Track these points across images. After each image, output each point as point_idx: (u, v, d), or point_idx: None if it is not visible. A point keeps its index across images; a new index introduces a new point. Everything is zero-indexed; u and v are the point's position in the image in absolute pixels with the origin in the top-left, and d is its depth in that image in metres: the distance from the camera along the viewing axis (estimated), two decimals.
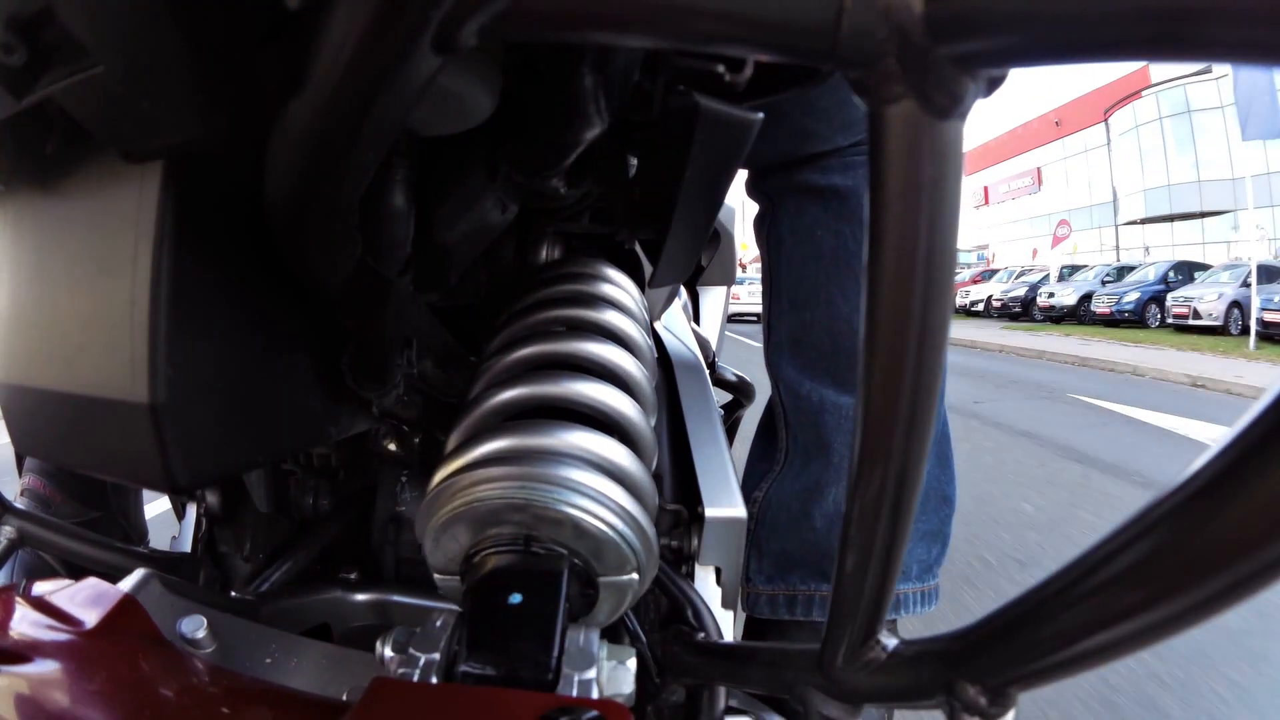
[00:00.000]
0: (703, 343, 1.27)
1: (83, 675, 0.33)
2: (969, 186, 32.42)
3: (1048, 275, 19.12)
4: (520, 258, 0.70)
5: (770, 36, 0.19)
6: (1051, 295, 16.97)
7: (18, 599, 0.39)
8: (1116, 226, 24.46)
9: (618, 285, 0.56)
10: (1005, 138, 31.47)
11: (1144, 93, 22.62)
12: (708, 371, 0.92)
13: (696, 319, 1.59)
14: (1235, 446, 0.18)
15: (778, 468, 0.87)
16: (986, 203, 32.45)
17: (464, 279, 0.64)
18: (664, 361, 0.85)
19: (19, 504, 0.88)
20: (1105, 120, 24.98)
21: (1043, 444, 4.28)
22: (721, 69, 0.40)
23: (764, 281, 0.91)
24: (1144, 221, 23.17)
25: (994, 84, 0.20)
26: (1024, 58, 0.17)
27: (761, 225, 0.92)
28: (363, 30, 0.22)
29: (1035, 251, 26.99)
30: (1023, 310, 18.41)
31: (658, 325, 1.00)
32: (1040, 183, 28.74)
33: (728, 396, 1.44)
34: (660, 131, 0.47)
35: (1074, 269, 18.79)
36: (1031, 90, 31.90)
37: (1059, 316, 16.54)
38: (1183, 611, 0.20)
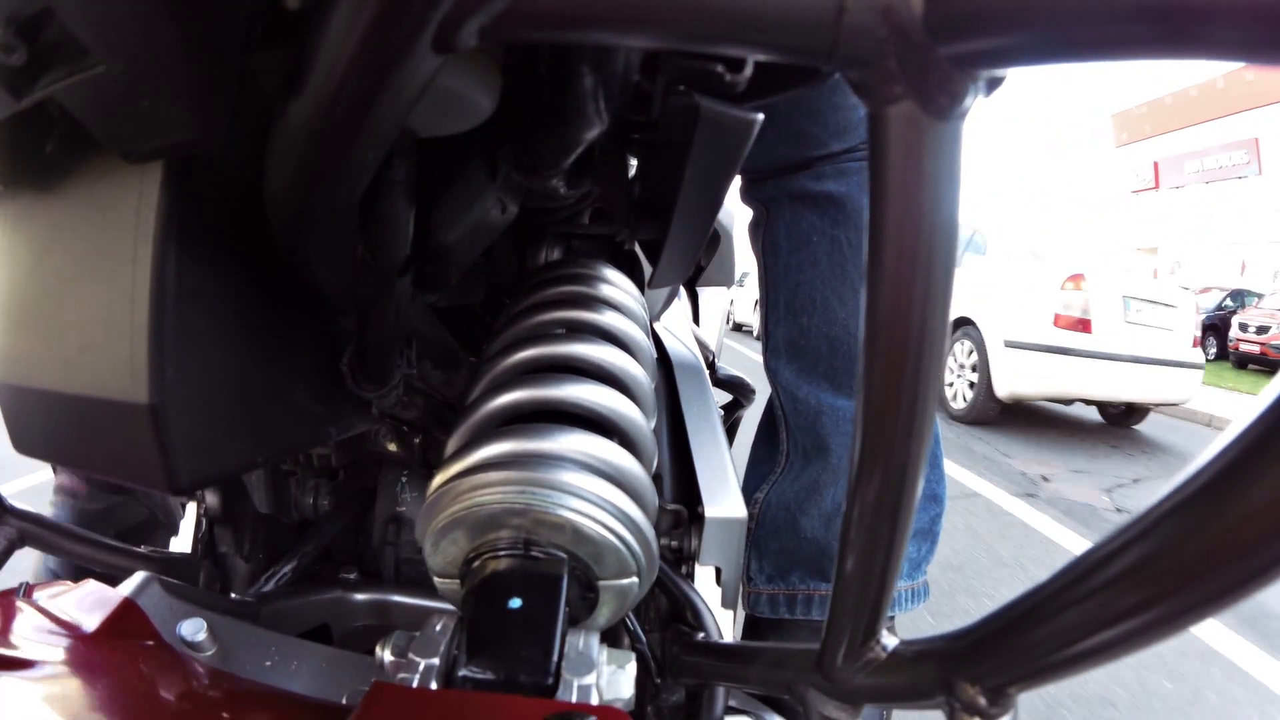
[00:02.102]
0: (702, 343, 1.27)
1: (83, 680, 0.33)
2: (1129, 161, 20.00)
3: None
4: (520, 258, 0.70)
5: (770, 36, 0.19)
6: None
7: (18, 603, 0.39)
8: None
9: (617, 286, 0.55)
10: (1197, 93, 18.54)
11: None
12: (707, 372, 0.92)
13: (696, 320, 1.59)
14: (1235, 447, 0.18)
15: (778, 469, 0.87)
16: (1156, 186, 19.86)
17: (464, 279, 0.64)
18: (664, 362, 0.85)
19: (53, 503, 0.89)
20: None
21: None
22: (721, 69, 0.40)
23: (761, 287, 0.92)
24: None
25: (994, 84, 0.20)
26: (1024, 58, 0.17)
27: (757, 231, 0.92)
28: (363, 30, 0.22)
29: None
30: None
31: (658, 326, 1.00)
32: (1260, 162, 16.92)
33: (728, 397, 1.44)
34: (660, 131, 0.47)
35: None
36: None
37: None
38: (1182, 611, 0.20)
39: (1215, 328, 12.86)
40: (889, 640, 0.30)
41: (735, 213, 1.41)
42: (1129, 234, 20.37)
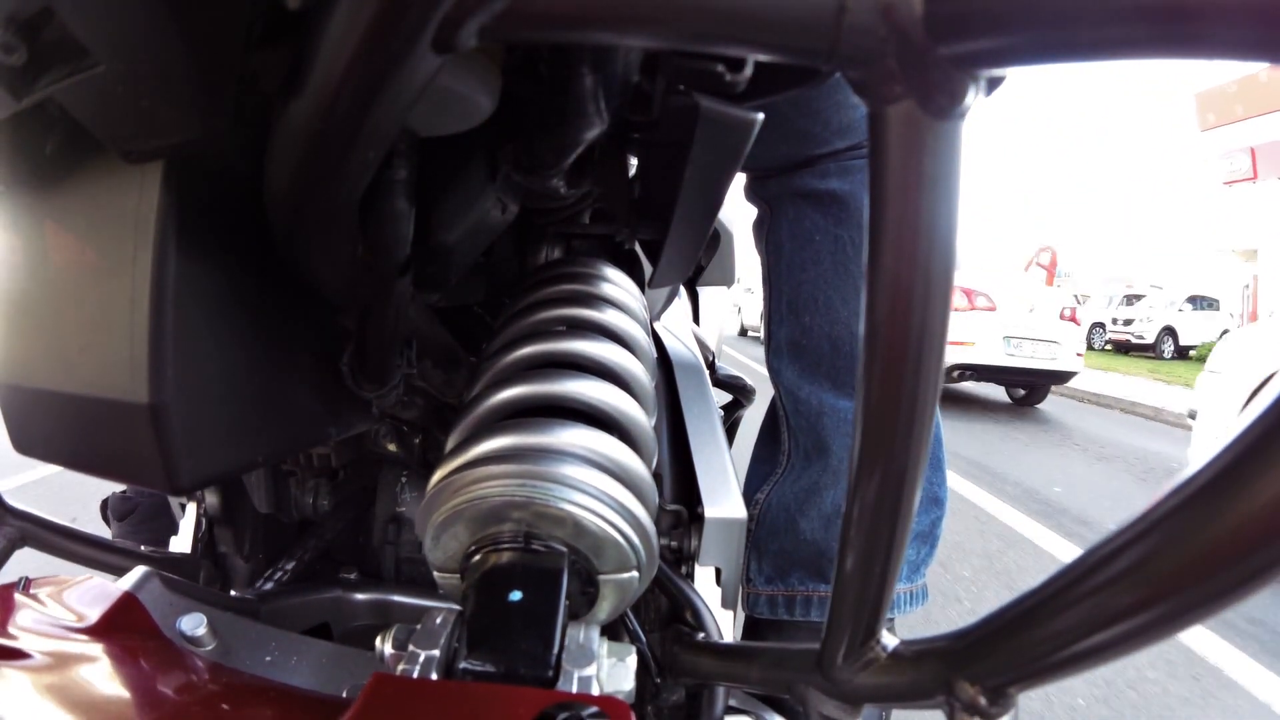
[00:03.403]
0: (702, 343, 1.27)
1: (83, 672, 0.33)
2: (1220, 147, 15.01)
3: None
4: (520, 258, 0.70)
5: (770, 36, 0.19)
6: None
7: (19, 596, 0.39)
8: None
9: (618, 285, 0.55)
10: None
11: None
12: (707, 372, 0.92)
13: (696, 320, 1.59)
14: (1235, 447, 0.18)
15: (779, 470, 0.87)
16: (1254, 177, 15.94)
17: (464, 279, 0.64)
18: (664, 361, 0.85)
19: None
20: None
21: None
22: (721, 69, 0.40)
23: (764, 286, 0.92)
24: None
25: (994, 84, 0.20)
26: (1024, 58, 0.17)
27: (760, 230, 0.92)
28: (363, 30, 0.22)
29: None
30: None
31: (658, 325, 1.00)
32: None
33: (728, 397, 1.44)
34: (660, 131, 0.47)
35: None
36: None
37: None
38: (1181, 611, 0.20)
39: None
40: (889, 640, 0.30)
41: (737, 212, 1.41)
42: (1221, 234, 16.69)
